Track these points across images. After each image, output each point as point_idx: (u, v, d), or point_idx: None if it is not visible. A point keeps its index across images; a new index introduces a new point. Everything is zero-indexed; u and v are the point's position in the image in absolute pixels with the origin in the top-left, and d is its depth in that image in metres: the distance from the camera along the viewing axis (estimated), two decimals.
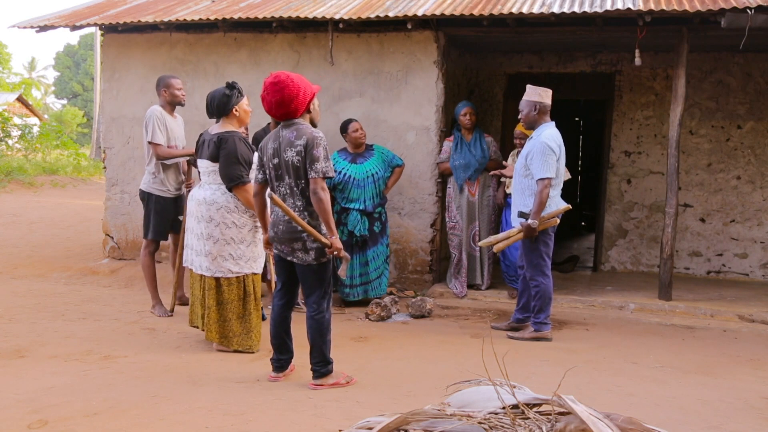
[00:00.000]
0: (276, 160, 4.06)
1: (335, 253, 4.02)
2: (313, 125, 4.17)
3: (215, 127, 4.85)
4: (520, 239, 5.38)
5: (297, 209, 4.04)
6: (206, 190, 4.85)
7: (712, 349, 5.27)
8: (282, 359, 4.29)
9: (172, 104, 5.97)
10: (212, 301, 4.80)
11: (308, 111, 4.12)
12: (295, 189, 4.03)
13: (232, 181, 4.68)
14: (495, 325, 5.79)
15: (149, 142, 5.79)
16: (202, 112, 7.22)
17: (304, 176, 4.00)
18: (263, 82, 4.06)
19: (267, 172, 4.15)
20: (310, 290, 4.14)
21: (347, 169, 6.39)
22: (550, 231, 5.38)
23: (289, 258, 4.13)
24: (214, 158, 4.77)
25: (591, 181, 11.80)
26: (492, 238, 5.69)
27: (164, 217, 5.93)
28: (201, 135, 4.99)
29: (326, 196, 3.95)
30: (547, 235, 5.37)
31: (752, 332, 5.87)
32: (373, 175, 6.41)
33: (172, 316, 5.87)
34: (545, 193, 5.21)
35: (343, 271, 4.24)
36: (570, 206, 5.47)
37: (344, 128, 6.46)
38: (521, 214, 5.36)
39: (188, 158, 5.95)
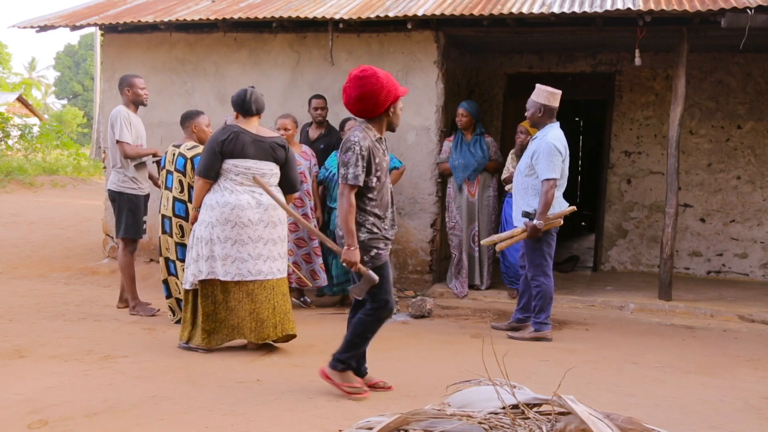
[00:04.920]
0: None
1: (345, 266, 3.78)
2: (391, 129, 3.97)
3: (256, 127, 4.80)
4: (523, 239, 5.38)
5: (338, 212, 3.87)
6: (261, 194, 4.69)
7: (712, 349, 5.27)
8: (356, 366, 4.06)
9: (135, 103, 6.01)
10: (282, 299, 4.81)
11: (387, 113, 3.86)
12: (338, 191, 3.90)
13: (297, 187, 4.91)
14: (495, 325, 5.79)
15: (117, 141, 5.83)
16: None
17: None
18: (349, 73, 3.84)
19: None
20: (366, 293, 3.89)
21: (335, 167, 6.39)
22: (552, 231, 5.38)
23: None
24: (278, 162, 4.78)
25: (591, 181, 11.80)
26: (495, 237, 5.69)
27: (138, 215, 5.97)
28: (233, 133, 4.70)
29: (345, 204, 3.74)
30: (549, 236, 5.37)
31: (752, 332, 5.87)
32: None
33: (157, 314, 5.88)
34: (551, 194, 5.20)
35: (357, 290, 3.82)
36: (575, 208, 5.47)
37: (342, 126, 6.48)
38: (525, 214, 5.36)
39: (154, 158, 6.03)
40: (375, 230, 3.83)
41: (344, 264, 3.77)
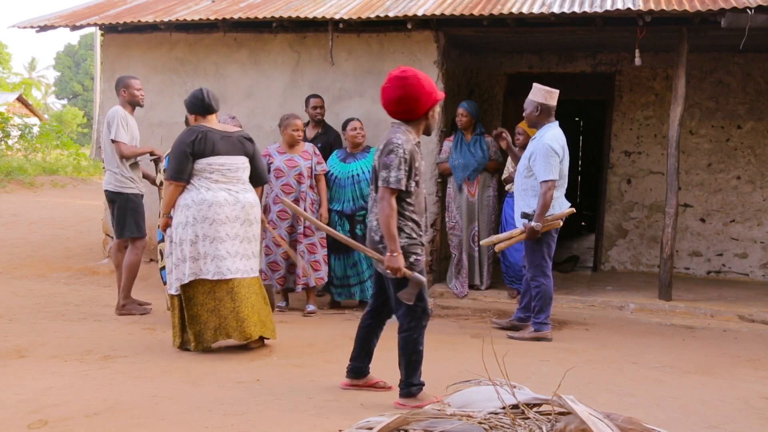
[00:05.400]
0: (375, 162, 3.83)
1: (388, 273, 3.68)
2: (427, 133, 3.92)
3: (218, 124, 4.85)
4: (522, 240, 5.38)
5: (375, 216, 3.77)
6: (247, 192, 4.78)
7: (712, 349, 5.27)
8: (356, 366, 4.09)
9: (131, 104, 6.02)
10: (258, 298, 4.82)
11: (426, 117, 3.78)
12: (375, 194, 3.79)
13: (266, 179, 4.92)
14: (496, 321, 5.79)
15: (113, 141, 5.84)
16: None
17: (377, 182, 3.75)
18: (391, 74, 3.73)
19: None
20: (397, 305, 3.81)
21: (334, 168, 6.38)
22: (552, 232, 5.38)
23: (377, 268, 3.90)
24: (248, 155, 4.82)
25: (591, 181, 11.80)
26: (494, 238, 5.69)
27: (141, 213, 6.00)
28: (200, 132, 4.71)
29: (387, 209, 3.62)
30: (549, 237, 5.37)
31: (752, 332, 5.87)
32: (354, 176, 6.27)
33: (150, 311, 5.90)
34: (549, 195, 5.20)
35: (407, 295, 3.70)
36: (574, 210, 5.46)
37: (345, 126, 6.45)
38: (524, 215, 5.36)
39: (151, 157, 6.08)
40: (414, 236, 3.75)
41: (388, 271, 3.67)
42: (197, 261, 4.67)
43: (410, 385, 3.83)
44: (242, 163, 4.79)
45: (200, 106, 4.81)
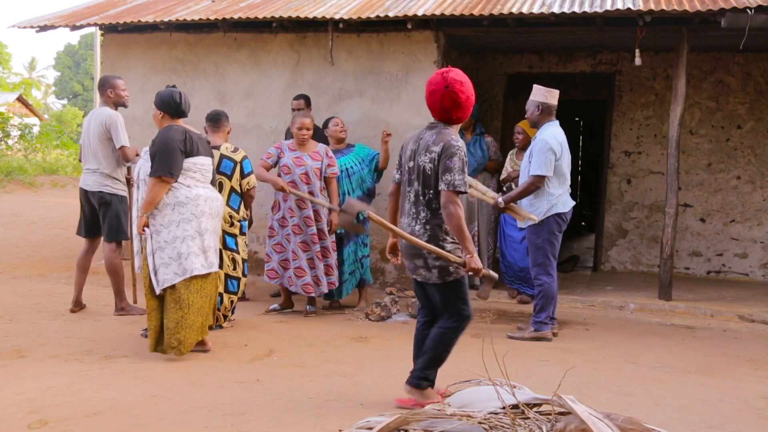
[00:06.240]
0: (411, 163, 3.76)
1: (470, 274, 3.65)
2: None
3: (185, 126, 4.91)
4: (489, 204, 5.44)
5: (420, 221, 3.71)
6: (212, 189, 4.88)
7: (712, 349, 5.27)
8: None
9: (117, 105, 5.95)
10: (215, 291, 4.94)
11: (461, 121, 3.78)
12: (421, 198, 3.71)
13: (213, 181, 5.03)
14: (511, 335, 5.53)
15: (122, 147, 5.74)
16: (202, 113, 7.20)
17: (433, 186, 3.64)
18: (441, 75, 3.63)
19: (402, 173, 3.87)
20: (443, 310, 3.79)
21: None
22: (556, 231, 5.37)
23: (413, 276, 3.84)
24: (213, 157, 4.94)
25: (591, 181, 11.80)
26: (472, 182, 5.33)
27: (128, 216, 5.89)
28: (185, 132, 4.75)
29: (459, 211, 3.55)
30: (553, 236, 5.36)
31: (752, 332, 5.87)
32: (347, 169, 6.23)
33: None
34: (532, 188, 5.29)
35: (485, 293, 3.84)
36: (537, 219, 5.27)
37: (326, 124, 6.41)
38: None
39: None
40: (455, 239, 3.71)
41: (470, 273, 3.63)
42: (198, 256, 4.65)
43: (423, 378, 3.78)
44: (211, 164, 4.95)
45: (175, 108, 4.82)
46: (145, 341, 5.07)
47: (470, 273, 3.63)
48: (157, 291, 4.67)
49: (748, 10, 5.82)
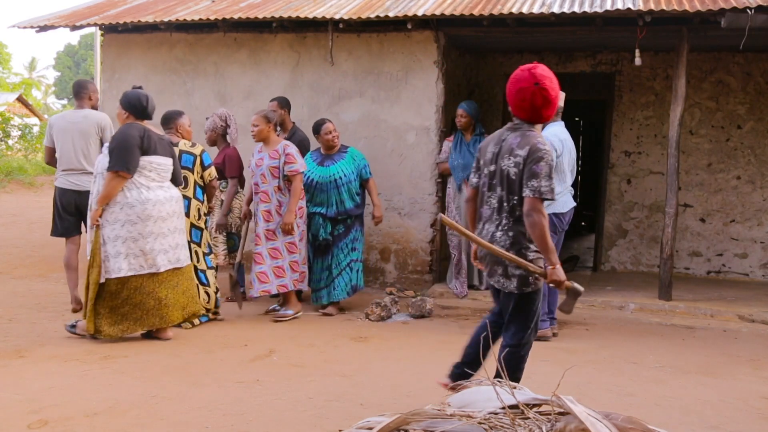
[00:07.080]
0: (492, 167, 3.54)
1: (551, 285, 3.51)
2: None
3: (152, 126, 5.04)
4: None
5: (501, 227, 3.51)
6: (172, 188, 5.05)
7: (712, 349, 5.27)
8: (458, 372, 3.71)
9: (93, 108, 5.96)
10: (190, 283, 5.17)
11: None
12: (504, 204, 3.50)
13: (181, 181, 5.22)
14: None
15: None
16: (201, 113, 7.23)
17: (518, 192, 3.44)
18: (529, 72, 3.43)
19: (481, 177, 3.66)
20: (510, 320, 3.61)
21: (312, 173, 6.12)
22: (557, 230, 5.37)
23: (491, 281, 3.65)
24: (173, 157, 5.10)
25: (591, 181, 11.79)
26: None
27: None
28: (144, 130, 4.86)
29: (542, 220, 3.36)
30: (553, 235, 5.35)
31: (752, 332, 5.87)
32: (336, 179, 6.07)
33: None
34: None
35: (569, 306, 3.63)
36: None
37: (317, 129, 6.19)
38: None
39: None
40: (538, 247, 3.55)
41: (551, 284, 3.50)
42: (138, 258, 4.86)
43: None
44: (170, 164, 5.03)
45: (140, 110, 4.95)
46: (145, 341, 5.07)
47: (551, 285, 3.49)
48: (102, 279, 4.89)
49: (748, 10, 5.82)
